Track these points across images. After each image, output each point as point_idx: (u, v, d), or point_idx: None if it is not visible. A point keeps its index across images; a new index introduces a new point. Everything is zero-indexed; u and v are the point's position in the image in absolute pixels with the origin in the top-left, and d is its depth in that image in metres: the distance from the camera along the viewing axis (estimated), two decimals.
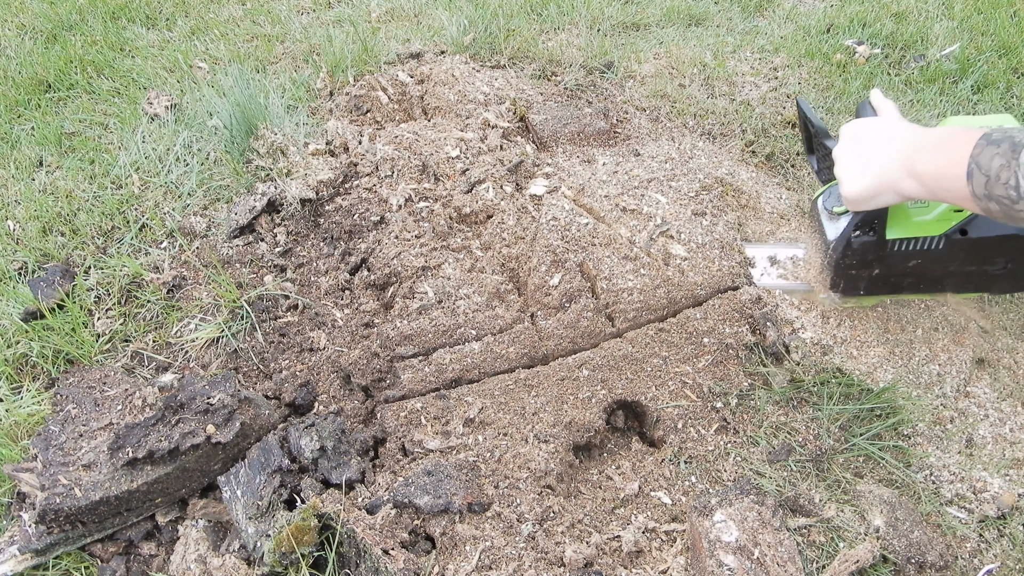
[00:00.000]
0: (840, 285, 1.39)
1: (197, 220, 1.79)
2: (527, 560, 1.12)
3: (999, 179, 0.90)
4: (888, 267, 1.34)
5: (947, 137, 1.01)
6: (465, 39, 2.39)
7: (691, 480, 1.28)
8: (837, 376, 1.41)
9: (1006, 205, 0.91)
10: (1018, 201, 0.89)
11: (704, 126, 2.11)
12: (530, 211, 1.72)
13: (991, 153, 0.91)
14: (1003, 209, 0.92)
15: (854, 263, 1.33)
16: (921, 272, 1.35)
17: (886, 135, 1.13)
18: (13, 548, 1.17)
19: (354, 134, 1.96)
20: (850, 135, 1.19)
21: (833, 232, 1.34)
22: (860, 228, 1.29)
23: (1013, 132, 0.91)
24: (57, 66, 2.34)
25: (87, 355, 1.50)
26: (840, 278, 1.37)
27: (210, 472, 1.26)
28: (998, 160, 0.90)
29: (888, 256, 1.32)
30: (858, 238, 1.29)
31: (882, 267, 1.34)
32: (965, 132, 0.97)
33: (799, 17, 2.59)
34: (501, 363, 1.46)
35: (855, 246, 1.30)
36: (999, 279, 1.37)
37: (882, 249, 1.30)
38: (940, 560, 1.13)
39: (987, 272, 1.35)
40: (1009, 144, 0.90)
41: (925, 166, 1.03)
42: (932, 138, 1.05)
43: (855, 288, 1.39)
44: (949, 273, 1.36)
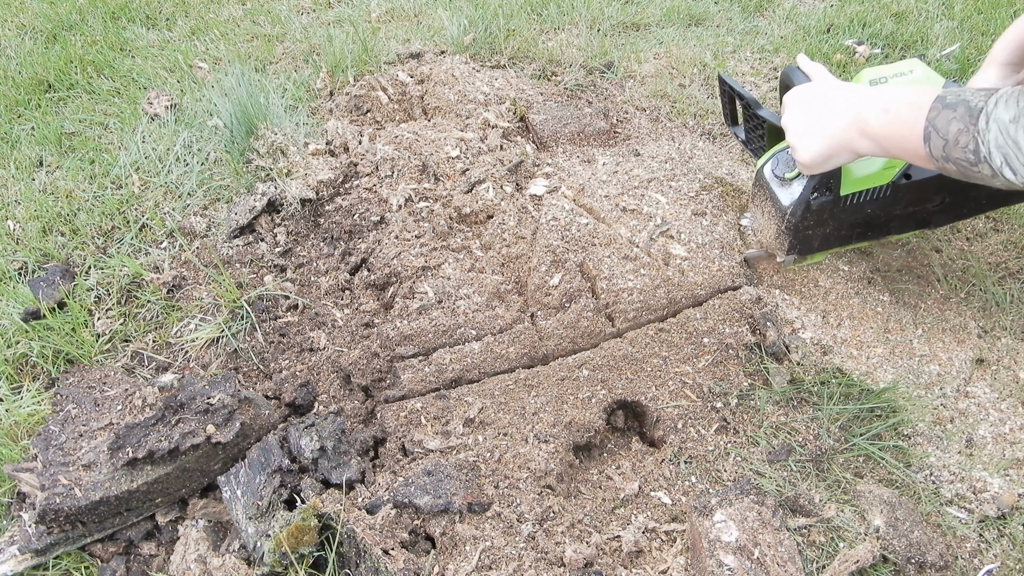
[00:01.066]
0: (796, 247, 1.42)
1: (197, 220, 1.79)
2: (527, 560, 1.12)
3: (957, 143, 0.93)
4: (840, 222, 1.39)
5: (901, 97, 1.04)
6: (465, 39, 2.39)
7: (691, 480, 1.28)
8: (837, 376, 1.41)
9: (964, 167, 0.94)
10: (976, 164, 0.92)
11: (704, 126, 2.11)
12: (530, 211, 1.72)
13: (948, 117, 0.94)
14: (961, 170, 0.95)
15: (811, 224, 1.37)
16: (869, 220, 1.40)
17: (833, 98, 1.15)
18: (13, 548, 1.17)
19: (354, 134, 1.96)
20: (797, 102, 1.20)
21: (788, 197, 1.36)
22: (817, 190, 1.32)
23: (967, 95, 0.93)
24: (57, 66, 2.34)
25: (87, 355, 1.50)
26: (797, 240, 1.40)
27: (210, 472, 1.26)
28: (956, 124, 0.93)
29: (842, 211, 1.36)
30: (816, 199, 1.33)
31: (835, 223, 1.38)
32: (919, 94, 1.00)
33: (799, 17, 2.59)
34: (501, 363, 1.46)
35: (814, 207, 1.33)
36: (937, 214, 1.44)
37: (837, 206, 1.35)
38: (940, 560, 1.13)
39: (927, 209, 1.41)
40: (965, 108, 0.92)
41: (879, 127, 1.06)
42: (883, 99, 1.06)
43: (809, 247, 1.43)
44: (894, 217, 1.41)
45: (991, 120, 0.89)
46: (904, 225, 1.46)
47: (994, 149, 0.89)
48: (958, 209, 1.45)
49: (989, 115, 0.89)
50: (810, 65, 1.27)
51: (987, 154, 0.90)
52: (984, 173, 0.92)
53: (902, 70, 1.32)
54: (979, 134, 0.90)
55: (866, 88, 1.12)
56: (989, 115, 0.89)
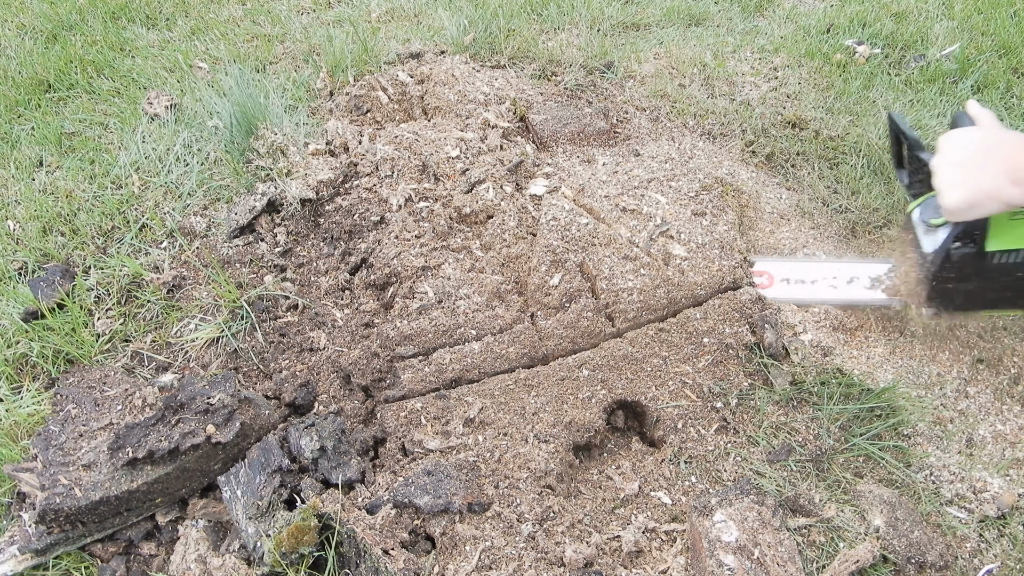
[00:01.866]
0: (936, 299, 1.34)
1: (197, 220, 1.79)
2: (527, 560, 1.12)
3: None
4: (987, 280, 1.29)
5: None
6: (465, 39, 2.39)
7: (691, 480, 1.28)
8: (837, 376, 1.41)
9: None
10: None
11: (704, 126, 2.11)
12: (530, 211, 1.72)
13: None
14: None
15: (952, 276, 1.28)
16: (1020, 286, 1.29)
17: (987, 142, 1.10)
18: (13, 548, 1.16)
19: (354, 134, 1.96)
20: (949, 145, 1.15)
21: (930, 245, 1.28)
22: (960, 239, 1.24)
23: None
24: (57, 66, 2.34)
25: (87, 355, 1.50)
26: (936, 292, 1.32)
27: (210, 472, 1.25)
28: None
29: (988, 269, 1.26)
30: (957, 250, 1.24)
31: (980, 280, 1.29)
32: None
33: (799, 17, 2.59)
34: (501, 363, 1.46)
35: (954, 258, 1.25)
36: None
37: (982, 261, 1.25)
38: (940, 560, 1.13)
39: None
40: None
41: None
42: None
43: (950, 303, 1.34)
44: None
45: None
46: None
47: None
48: None
49: None
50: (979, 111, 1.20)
51: None
52: None
53: None
54: None
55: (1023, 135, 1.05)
56: None
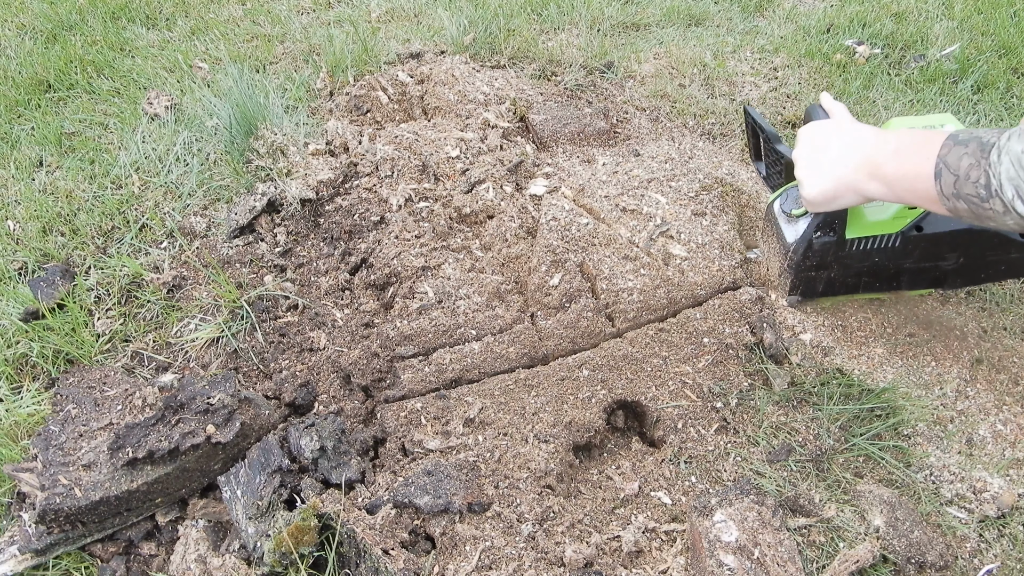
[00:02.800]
0: (799, 288, 1.40)
1: (197, 220, 1.79)
2: (527, 560, 1.12)
3: (968, 178, 0.91)
4: (846, 267, 1.36)
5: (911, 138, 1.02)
6: (465, 39, 2.39)
7: (691, 480, 1.28)
8: (837, 376, 1.41)
9: (975, 204, 0.92)
10: (988, 199, 0.90)
11: (704, 126, 2.11)
12: (530, 211, 1.72)
13: (959, 153, 0.92)
14: (972, 208, 0.93)
15: (814, 264, 1.35)
16: (877, 270, 1.37)
17: (846, 137, 1.13)
18: (13, 548, 1.16)
19: (354, 134, 1.96)
20: (809, 137, 1.19)
21: (792, 235, 1.34)
22: (821, 229, 1.30)
23: (979, 132, 0.92)
24: (57, 66, 2.34)
25: (87, 355, 1.50)
26: (800, 281, 1.38)
27: (210, 472, 1.25)
28: (967, 159, 0.91)
29: (847, 256, 1.33)
30: (819, 239, 1.30)
31: (840, 267, 1.36)
32: (929, 133, 0.99)
33: (799, 17, 2.59)
34: (501, 363, 1.46)
35: (816, 247, 1.31)
36: (951, 274, 1.40)
37: (841, 249, 1.32)
38: (940, 560, 1.13)
39: (940, 267, 1.37)
40: (977, 144, 0.91)
41: (889, 168, 1.04)
42: (894, 140, 1.05)
43: (813, 290, 1.41)
44: (904, 270, 1.38)
45: (1003, 153, 0.86)
46: (915, 281, 1.41)
47: (1006, 182, 0.86)
48: (974, 272, 1.40)
49: (1001, 148, 0.86)
50: (832, 104, 1.24)
51: (998, 187, 0.87)
52: (996, 209, 0.90)
53: (932, 123, 1.28)
54: (990, 167, 0.88)
55: (880, 130, 1.10)
56: (1001, 148, 0.86)
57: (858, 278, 1.39)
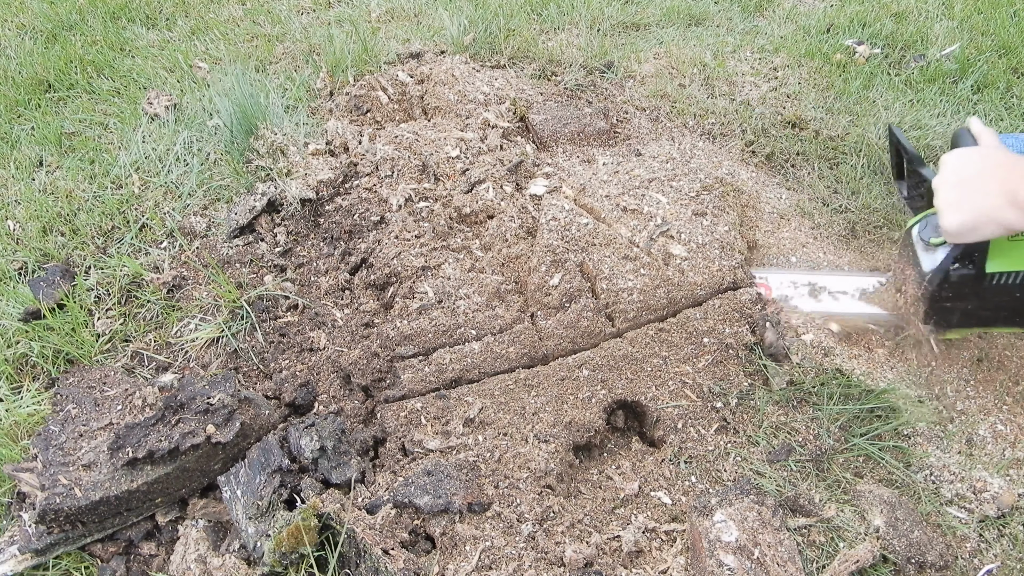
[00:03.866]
0: (933, 318, 1.33)
1: (197, 220, 1.79)
2: (527, 560, 1.12)
3: None
4: (985, 300, 1.29)
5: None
6: (465, 39, 2.39)
7: (691, 480, 1.28)
8: (837, 376, 1.41)
9: None
10: None
11: (704, 126, 2.11)
12: (530, 211, 1.72)
13: None
14: None
15: (950, 296, 1.28)
16: (1017, 306, 1.29)
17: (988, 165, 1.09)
18: (13, 548, 1.16)
19: (354, 134, 1.96)
20: (951, 165, 1.14)
21: (929, 264, 1.28)
22: (959, 261, 1.23)
23: None
24: (57, 66, 2.34)
25: (87, 355, 1.50)
26: (933, 311, 1.32)
27: (210, 472, 1.25)
28: None
29: (986, 289, 1.26)
30: (956, 271, 1.24)
31: (978, 300, 1.29)
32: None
33: (799, 17, 2.59)
34: (501, 363, 1.46)
35: (953, 279, 1.25)
36: None
37: (980, 282, 1.25)
38: (940, 560, 1.13)
39: None
40: None
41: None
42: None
43: (947, 321, 1.34)
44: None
45: None
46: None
47: None
48: None
49: None
50: (981, 129, 1.19)
51: None
52: None
53: None
54: None
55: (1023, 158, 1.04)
56: None
57: (996, 312, 1.31)
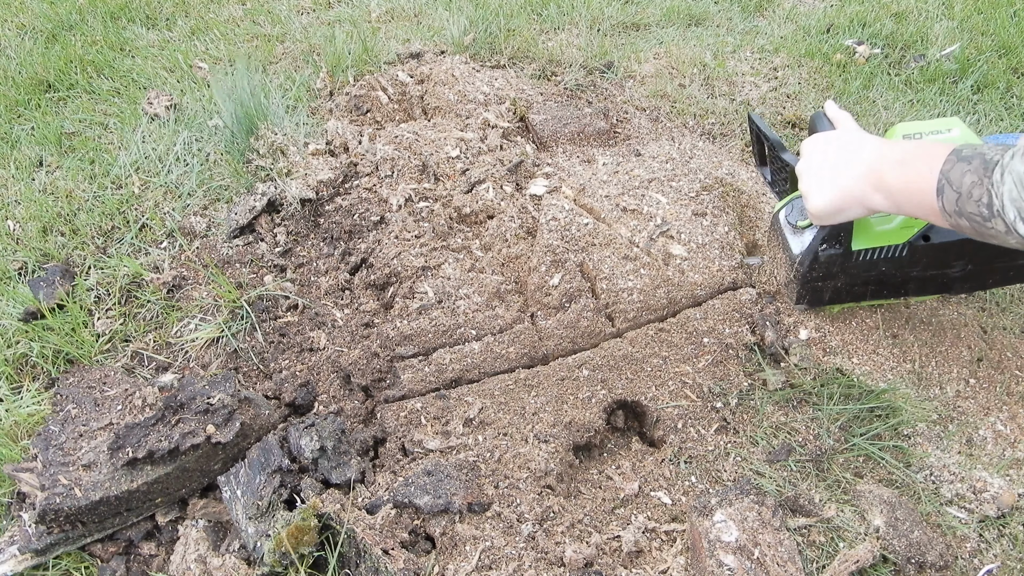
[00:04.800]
0: (806, 298, 1.39)
1: (197, 220, 1.79)
2: (527, 560, 1.12)
3: (971, 196, 0.89)
4: (853, 277, 1.34)
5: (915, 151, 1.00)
6: (465, 39, 2.39)
7: (691, 480, 1.28)
8: (837, 377, 1.41)
9: (977, 222, 0.90)
10: (990, 219, 0.88)
11: (704, 126, 2.11)
12: (530, 211, 1.72)
13: (962, 169, 0.90)
14: (974, 226, 0.91)
15: (820, 275, 1.34)
16: (884, 279, 1.36)
17: (850, 148, 1.11)
18: (13, 548, 1.16)
19: (354, 134, 1.96)
20: (813, 150, 1.17)
21: (799, 246, 1.33)
22: (827, 242, 1.28)
23: (983, 149, 0.90)
24: (57, 66, 2.34)
25: (87, 355, 1.50)
26: (806, 291, 1.37)
27: (210, 472, 1.25)
28: (969, 177, 0.89)
29: (853, 266, 1.32)
30: (825, 251, 1.29)
31: (847, 277, 1.34)
32: (933, 147, 0.96)
33: (799, 17, 2.59)
34: (501, 363, 1.46)
35: (822, 259, 1.30)
36: (959, 281, 1.39)
37: (848, 260, 1.31)
38: (940, 560, 1.13)
39: (948, 275, 1.36)
40: (980, 161, 0.89)
41: (893, 180, 1.02)
42: (898, 152, 1.03)
43: (819, 299, 1.40)
44: (911, 278, 1.37)
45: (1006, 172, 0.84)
46: (922, 288, 1.40)
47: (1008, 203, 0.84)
48: (982, 278, 1.39)
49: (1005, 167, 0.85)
50: (837, 112, 1.22)
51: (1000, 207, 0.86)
52: (998, 229, 0.88)
53: (939, 127, 1.25)
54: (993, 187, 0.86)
55: (884, 141, 1.08)
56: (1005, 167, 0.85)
57: (865, 287, 1.38)
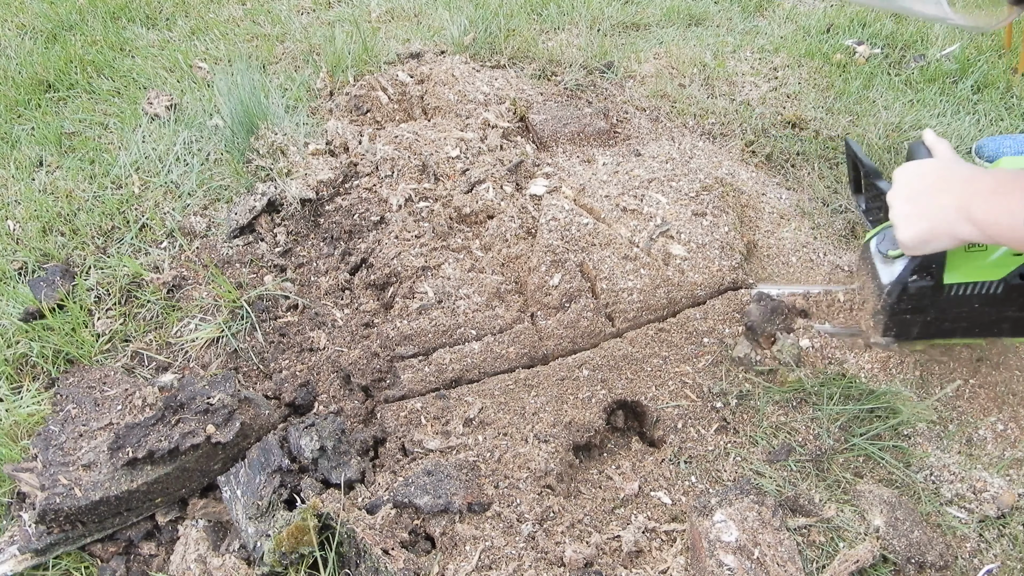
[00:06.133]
0: (893, 330, 1.34)
1: (197, 220, 1.79)
2: (527, 560, 1.12)
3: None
4: (943, 312, 1.29)
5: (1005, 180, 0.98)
6: (465, 39, 2.39)
7: (691, 480, 1.28)
8: (838, 377, 1.41)
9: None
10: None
11: (704, 126, 2.11)
12: (530, 211, 1.72)
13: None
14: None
15: (909, 308, 1.29)
16: (977, 316, 1.30)
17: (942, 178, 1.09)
18: (13, 548, 1.17)
19: (354, 134, 1.96)
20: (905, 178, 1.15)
21: (888, 276, 1.28)
22: (917, 273, 1.24)
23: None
24: (57, 66, 2.34)
25: (87, 355, 1.50)
26: (893, 323, 1.32)
27: (210, 472, 1.25)
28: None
29: (945, 301, 1.27)
30: (915, 283, 1.24)
31: (937, 312, 1.29)
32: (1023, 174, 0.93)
33: (799, 17, 2.59)
34: (501, 363, 1.46)
35: (912, 291, 1.25)
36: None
37: (939, 294, 1.26)
38: (940, 560, 1.13)
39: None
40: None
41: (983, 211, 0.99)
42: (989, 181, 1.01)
43: (907, 333, 1.34)
44: (1006, 318, 1.30)
45: None
46: (1017, 328, 1.33)
47: None
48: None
49: None
50: (935, 141, 1.19)
51: None
52: None
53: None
54: None
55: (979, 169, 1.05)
56: None
57: (956, 323, 1.31)
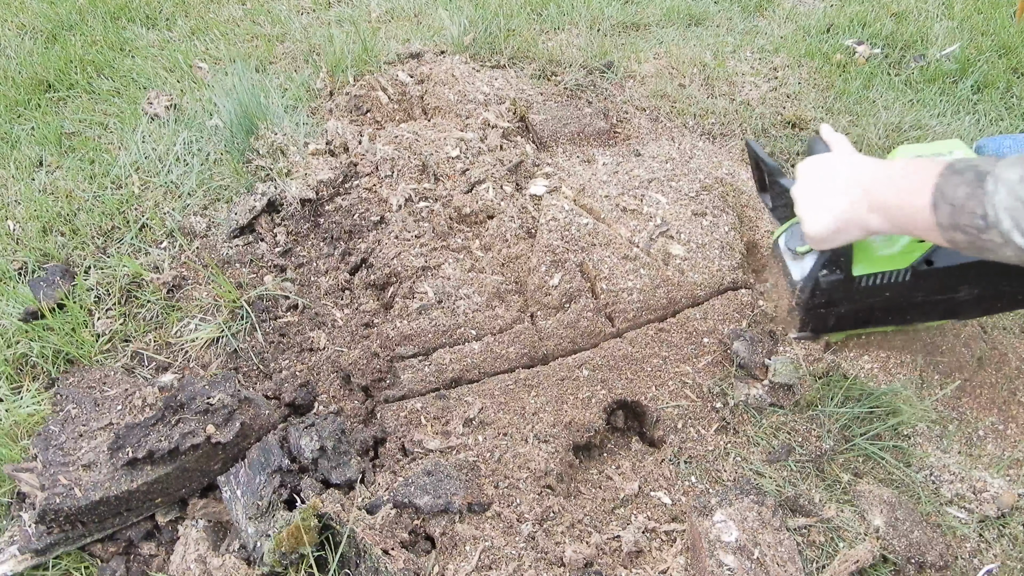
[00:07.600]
0: (809, 325, 1.36)
1: (197, 220, 1.79)
2: (527, 560, 1.12)
3: (965, 208, 0.88)
4: (856, 303, 1.32)
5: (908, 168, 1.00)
6: (465, 39, 2.39)
7: (691, 480, 1.28)
8: (838, 378, 1.41)
9: (972, 235, 0.90)
10: (985, 230, 0.87)
11: (704, 126, 2.11)
12: (530, 211, 1.72)
13: (955, 182, 0.90)
14: (969, 239, 0.91)
15: (823, 302, 1.31)
16: (888, 305, 1.33)
17: (845, 170, 1.10)
18: (13, 548, 1.17)
19: (354, 134, 1.96)
20: (807, 173, 1.16)
21: (799, 273, 1.30)
22: (827, 267, 1.26)
23: (977, 161, 0.90)
24: (57, 66, 2.34)
25: (87, 355, 1.50)
26: (809, 318, 1.34)
27: (210, 472, 1.25)
28: (963, 189, 0.89)
29: (855, 292, 1.29)
30: (825, 277, 1.26)
31: (850, 304, 1.32)
32: (927, 162, 0.96)
33: (799, 17, 2.59)
34: (501, 363, 1.46)
35: (823, 286, 1.27)
36: (966, 305, 1.36)
37: (850, 286, 1.28)
38: (940, 560, 1.13)
39: (954, 299, 1.33)
40: (974, 173, 0.88)
41: (888, 199, 1.02)
42: (893, 170, 1.03)
43: (823, 326, 1.37)
44: (916, 304, 1.34)
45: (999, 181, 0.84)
46: (928, 314, 1.36)
47: (1002, 212, 0.84)
48: (990, 302, 1.35)
49: (997, 177, 0.84)
50: (832, 135, 1.21)
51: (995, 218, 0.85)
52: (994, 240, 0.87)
53: (940, 150, 1.23)
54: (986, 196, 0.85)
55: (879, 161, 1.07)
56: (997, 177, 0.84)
57: (869, 313, 1.34)
